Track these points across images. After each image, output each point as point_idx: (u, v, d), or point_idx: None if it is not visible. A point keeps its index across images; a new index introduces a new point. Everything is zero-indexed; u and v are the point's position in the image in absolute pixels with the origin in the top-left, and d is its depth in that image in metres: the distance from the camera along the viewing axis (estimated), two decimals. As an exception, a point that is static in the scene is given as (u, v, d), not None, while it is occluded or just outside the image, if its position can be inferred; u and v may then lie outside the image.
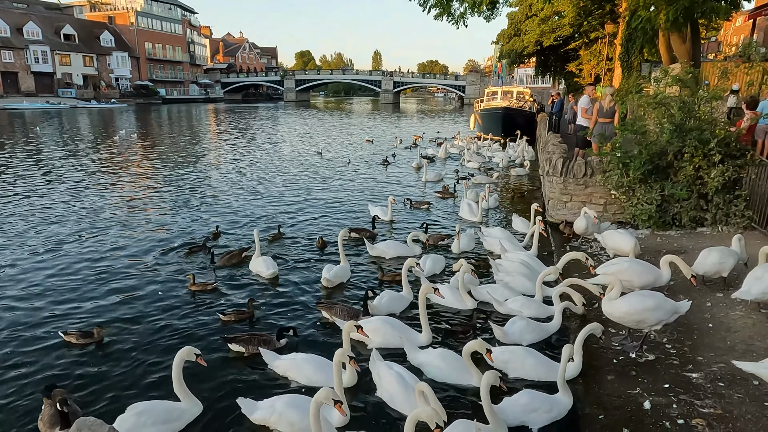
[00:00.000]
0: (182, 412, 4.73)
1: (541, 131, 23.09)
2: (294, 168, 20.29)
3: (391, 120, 53.75)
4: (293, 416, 4.58)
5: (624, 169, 9.93)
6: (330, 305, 6.89)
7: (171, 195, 14.95)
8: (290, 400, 4.74)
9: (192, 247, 9.76)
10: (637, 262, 6.82)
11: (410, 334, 6.22)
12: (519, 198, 15.07)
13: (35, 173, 18.05)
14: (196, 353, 4.82)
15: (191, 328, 6.72)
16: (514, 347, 5.75)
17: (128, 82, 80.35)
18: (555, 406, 4.79)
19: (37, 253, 9.52)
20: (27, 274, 8.49)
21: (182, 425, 4.69)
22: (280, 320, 7.01)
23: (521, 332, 6.25)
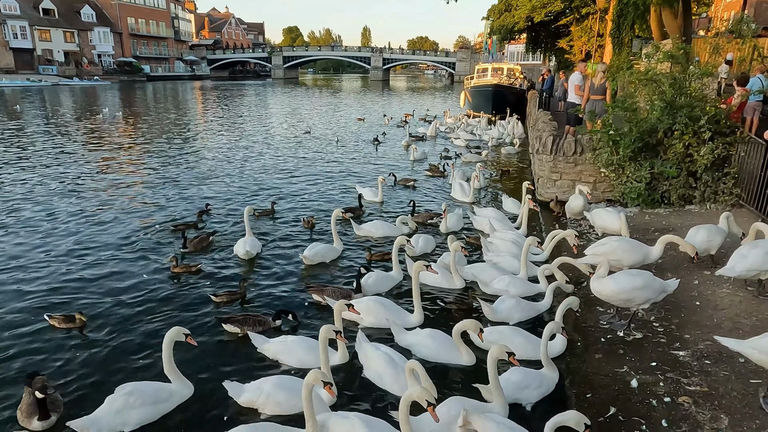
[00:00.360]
0: (172, 393, 4.67)
1: (531, 109, 22.94)
2: (283, 146, 20.03)
3: (381, 97, 53.15)
4: (281, 397, 4.56)
5: (614, 146, 9.89)
6: (321, 288, 6.81)
7: (157, 174, 14.69)
8: (277, 381, 4.71)
9: (178, 225, 9.69)
10: (626, 241, 6.81)
11: (402, 314, 6.21)
12: (509, 177, 14.99)
13: (16, 152, 17.61)
14: (186, 333, 4.74)
15: (178, 310, 6.62)
16: (502, 327, 5.73)
17: (111, 58, 78.37)
18: (544, 382, 4.84)
19: (18, 234, 9.32)
20: (4, 254, 8.31)
21: (172, 406, 4.63)
22: (273, 301, 6.93)
23: (510, 310, 6.25)
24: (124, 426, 4.35)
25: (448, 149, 18.86)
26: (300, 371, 5.13)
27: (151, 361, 5.42)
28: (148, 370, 5.28)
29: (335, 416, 4.24)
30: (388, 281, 7.22)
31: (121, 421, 4.33)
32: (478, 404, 4.41)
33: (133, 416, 4.37)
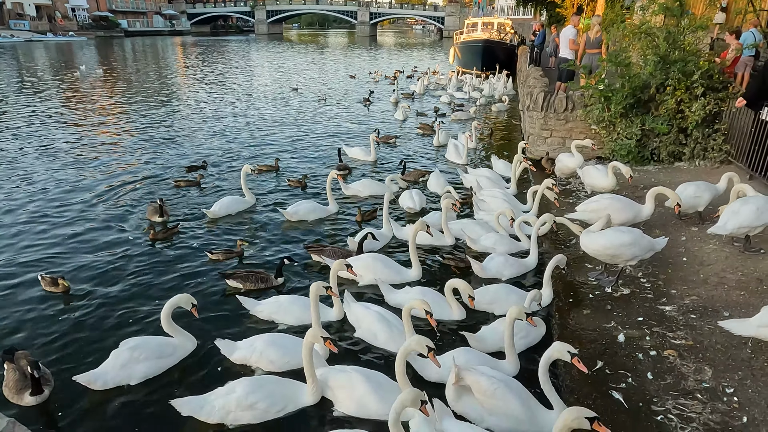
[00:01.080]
0: (176, 347, 4.71)
1: (521, 65, 22.52)
2: (269, 105, 19.57)
3: (369, 53, 51.83)
4: (273, 354, 4.58)
5: (606, 103, 9.76)
6: (320, 248, 6.76)
7: (139, 134, 14.29)
8: (270, 339, 4.73)
9: (179, 180, 9.94)
10: (617, 199, 6.79)
11: (400, 269, 6.27)
12: (499, 136, 14.83)
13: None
14: (193, 303, 4.71)
15: (175, 270, 6.56)
16: (497, 288, 5.72)
17: (86, 13, 75.00)
18: (530, 332, 4.99)
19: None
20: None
21: (176, 360, 4.67)
22: (274, 259, 6.88)
23: (500, 267, 6.28)
24: (129, 379, 4.41)
25: (438, 108, 18.55)
26: (293, 329, 5.18)
27: (149, 321, 5.41)
28: (144, 330, 5.24)
29: (333, 370, 4.30)
30: (380, 239, 7.21)
31: (126, 374, 4.39)
32: (488, 359, 4.48)
33: (137, 370, 4.43)
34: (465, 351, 4.51)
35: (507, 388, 3.86)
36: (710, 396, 3.92)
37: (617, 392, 4.06)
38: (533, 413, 3.83)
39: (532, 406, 3.86)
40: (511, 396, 3.82)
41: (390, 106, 19.30)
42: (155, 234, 7.41)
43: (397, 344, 4.64)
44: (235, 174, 10.40)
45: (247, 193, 8.73)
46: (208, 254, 6.78)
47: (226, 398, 4.02)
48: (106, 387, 4.32)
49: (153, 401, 4.30)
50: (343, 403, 4.15)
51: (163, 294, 5.86)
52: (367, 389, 4.05)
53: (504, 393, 3.83)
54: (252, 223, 8.19)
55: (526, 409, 3.82)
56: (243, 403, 3.98)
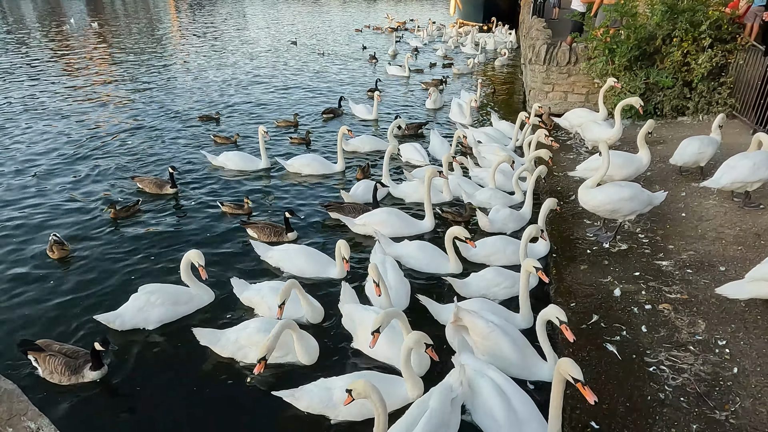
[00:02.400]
0: (192, 296, 4.84)
1: (524, 16, 21.80)
2: (269, 60, 19.10)
3: (367, 4, 50.10)
4: (272, 301, 4.63)
5: (610, 55, 9.50)
6: (338, 205, 6.75)
7: (139, 87, 14.07)
8: (275, 286, 4.81)
9: (202, 116, 10.97)
10: (616, 155, 6.69)
11: (413, 221, 6.41)
12: (500, 91, 14.50)
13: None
14: (200, 263, 4.70)
15: (193, 225, 6.63)
16: (494, 240, 5.76)
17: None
18: (516, 282, 4.88)
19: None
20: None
21: (191, 309, 4.81)
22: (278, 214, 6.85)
23: (505, 221, 6.33)
24: (146, 323, 4.56)
25: (434, 63, 18.08)
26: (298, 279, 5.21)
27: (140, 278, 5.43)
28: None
29: (356, 306, 4.47)
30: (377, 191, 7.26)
31: (143, 317, 4.55)
32: (502, 310, 4.54)
33: (153, 314, 4.58)
34: (480, 301, 4.60)
35: (502, 332, 3.93)
36: (702, 348, 3.99)
37: (611, 344, 4.12)
38: (526, 360, 3.92)
39: (527, 354, 3.94)
40: (504, 339, 3.90)
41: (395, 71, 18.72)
42: (116, 212, 6.66)
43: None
44: (238, 128, 10.63)
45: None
46: (220, 205, 6.91)
47: (239, 333, 4.22)
48: (124, 328, 4.52)
49: (167, 343, 4.47)
50: (361, 341, 4.30)
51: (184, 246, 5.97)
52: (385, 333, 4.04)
53: (498, 336, 3.90)
54: (260, 181, 8.16)
55: (519, 354, 3.89)
56: (253, 339, 4.12)
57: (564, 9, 21.67)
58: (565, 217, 6.48)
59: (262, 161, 8.29)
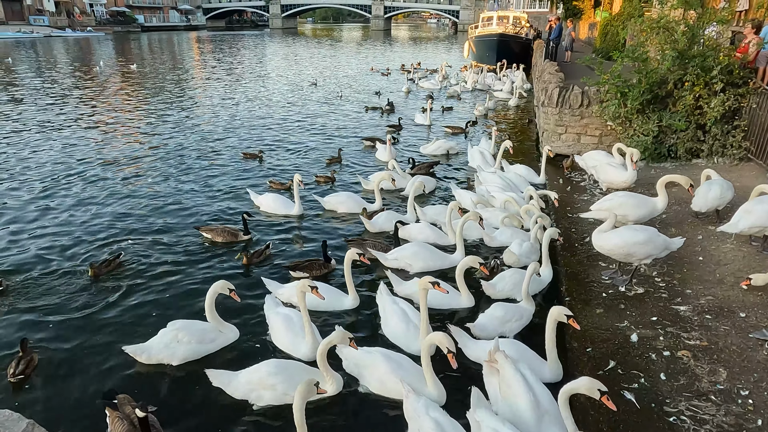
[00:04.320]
0: (218, 335, 4.93)
1: (537, 59, 22.27)
2: (291, 100, 19.70)
3: (384, 48, 51.65)
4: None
5: (622, 99, 9.63)
6: (361, 241, 6.95)
7: (166, 127, 14.58)
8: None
9: (247, 153, 11.57)
10: (631, 196, 6.72)
11: (444, 255, 6.57)
12: (514, 132, 14.65)
13: (9, 110, 17.29)
14: (230, 288, 4.89)
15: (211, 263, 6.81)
16: (513, 274, 5.94)
17: (104, 8, 75.87)
18: (524, 314, 5.28)
19: (41, 191, 9.28)
20: (32, 212, 8.32)
21: (216, 348, 4.90)
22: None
23: (529, 254, 6.52)
24: (171, 359, 4.67)
25: (440, 106, 18.41)
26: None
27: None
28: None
29: (360, 351, 4.45)
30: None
31: (168, 353, 4.67)
32: (533, 355, 4.51)
33: (179, 351, 4.69)
34: (514, 344, 4.60)
35: (525, 388, 3.77)
36: (724, 398, 3.88)
37: (629, 392, 4.03)
38: (539, 420, 3.69)
39: (542, 414, 3.72)
40: (524, 394, 3.74)
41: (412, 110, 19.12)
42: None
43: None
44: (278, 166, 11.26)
45: (297, 203, 8.28)
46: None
47: (250, 376, 4.27)
48: (150, 361, 4.65)
49: (187, 379, 4.59)
50: (369, 380, 4.39)
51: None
52: (388, 369, 4.24)
53: (520, 388, 3.77)
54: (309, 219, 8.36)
55: (532, 411, 3.69)
56: (265, 383, 4.18)
57: (577, 52, 22.17)
58: (579, 259, 6.44)
59: (296, 208, 8.27)
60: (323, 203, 8.52)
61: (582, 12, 37.95)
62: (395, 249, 6.62)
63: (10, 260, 6.75)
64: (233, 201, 9.05)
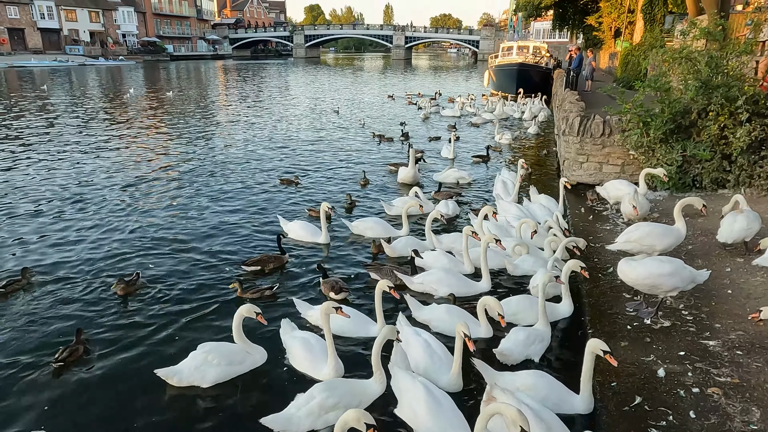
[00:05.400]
0: (246, 357, 4.99)
1: (557, 88, 22.35)
2: (313, 125, 20.13)
3: (404, 76, 52.50)
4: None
5: (644, 128, 9.56)
6: (378, 267, 7.00)
7: (194, 154, 14.93)
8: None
9: (283, 179, 11.78)
10: (656, 225, 6.60)
11: (470, 282, 6.60)
12: (535, 161, 14.59)
13: (43, 136, 17.95)
14: (256, 311, 4.95)
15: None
16: (519, 299, 5.97)
17: (135, 38, 79.02)
18: (544, 336, 5.35)
19: (64, 214, 9.55)
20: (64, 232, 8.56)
21: (245, 369, 4.95)
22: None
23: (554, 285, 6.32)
24: (202, 381, 4.74)
25: (454, 134, 18.51)
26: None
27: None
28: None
29: (403, 373, 4.39)
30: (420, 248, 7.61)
31: (199, 376, 4.74)
32: (563, 390, 4.43)
33: (210, 373, 4.76)
34: (538, 375, 4.52)
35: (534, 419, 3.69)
36: (758, 439, 3.71)
37: (657, 430, 3.89)
38: None
39: None
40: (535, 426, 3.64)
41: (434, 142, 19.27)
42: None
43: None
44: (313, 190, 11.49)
45: (324, 231, 8.24)
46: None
47: (309, 407, 4.25)
48: (181, 384, 4.71)
49: (217, 401, 4.67)
50: (403, 408, 4.28)
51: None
52: (426, 405, 4.06)
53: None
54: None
55: None
56: (326, 405, 4.23)
57: (597, 82, 22.22)
58: (602, 290, 6.31)
59: (322, 236, 8.23)
60: (351, 228, 8.61)
61: (602, 42, 38.19)
62: (422, 273, 6.67)
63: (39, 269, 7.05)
64: (261, 225, 9.18)
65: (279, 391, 4.82)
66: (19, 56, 61.47)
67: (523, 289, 6.76)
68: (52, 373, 4.96)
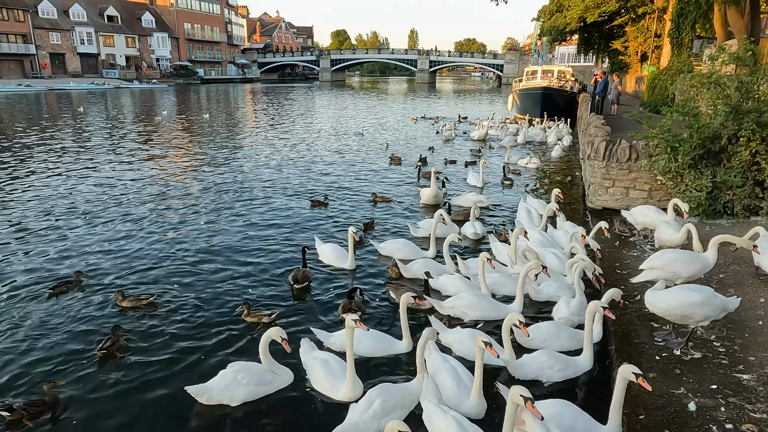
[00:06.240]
0: (274, 377, 5.06)
1: (582, 112, 22.21)
2: (337, 147, 20.42)
3: (429, 100, 52.98)
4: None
5: (672, 153, 9.41)
6: (398, 286, 7.03)
7: (224, 174, 15.28)
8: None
9: (314, 201, 11.83)
10: (682, 253, 6.44)
11: (502, 306, 6.53)
12: (560, 188, 14.29)
13: (78, 155, 18.65)
14: (283, 337, 4.98)
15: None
16: (547, 325, 5.87)
17: (168, 62, 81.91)
18: (569, 365, 5.23)
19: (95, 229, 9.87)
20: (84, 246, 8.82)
21: (272, 390, 5.01)
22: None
23: (580, 311, 6.20)
24: (231, 400, 4.80)
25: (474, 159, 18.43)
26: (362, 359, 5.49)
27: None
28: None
29: (437, 408, 4.33)
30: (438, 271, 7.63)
31: (228, 394, 4.79)
32: (585, 419, 4.32)
33: (238, 392, 4.82)
34: (563, 404, 4.40)
35: None
36: (798, 481, 3.53)
37: (688, 467, 3.74)
38: None
39: None
40: None
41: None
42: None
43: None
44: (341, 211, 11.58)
45: (350, 257, 8.08)
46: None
47: (372, 409, 4.37)
48: (210, 402, 4.77)
49: (245, 421, 4.74)
50: None
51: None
52: None
53: None
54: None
55: None
56: (386, 407, 4.38)
57: (623, 105, 22.01)
58: (629, 318, 6.16)
59: (348, 262, 8.11)
60: (379, 249, 8.66)
61: (628, 66, 37.93)
62: (452, 297, 6.66)
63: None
64: (290, 244, 9.30)
65: (305, 411, 4.85)
66: (59, 79, 64.32)
67: (543, 315, 6.63)
68: (92, 365, 5.37)
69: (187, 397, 4.79)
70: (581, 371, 5.30)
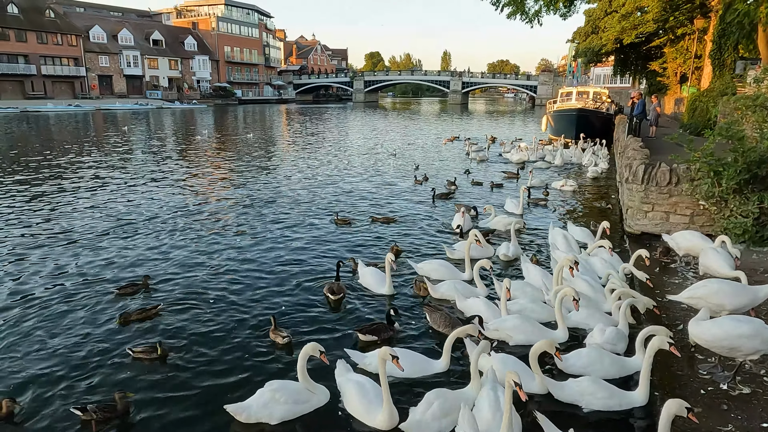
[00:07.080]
0: (310, 396, 5.08)
1: (619, 134, 21.81)
2: (371, 168, 20.64)
3: (461, 121, 53.07)
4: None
5: (716, 177, 9.11)
6: (435, 308, 7.00)
7: (256, 193, 15.60)
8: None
9: (338, 218, 12.05)
10: (728, 283, 6.15)
11: (546, 331, 6.46)
12: (596, 212, 14.07)
13: (122, 176, 19.43)
14: (321, 350, 5.05)
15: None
16: (588, 351, 5.69)
17: (208, 83, 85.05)
18: (614, 395, 5.04)
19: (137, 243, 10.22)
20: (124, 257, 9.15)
21: (309, 409, 5.02)
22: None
23: (614, 340, 6.11)
24: (270, 419, 4.84)
25: (493, 182, 18.26)
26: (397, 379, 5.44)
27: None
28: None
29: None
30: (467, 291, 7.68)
31: (267, 413, 4.83)
32: None
33: (276, 411, 4.85)
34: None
35: None
36: None
37: None
38: None
39: None
40: None
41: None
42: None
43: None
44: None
45: (388, 282, 8.01)
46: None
47: (432, 410, 4.59)
48: (249, 420, 4.82)
49: None
50: None
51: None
52: None
53: None
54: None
55: None
56: (444, 408, 4.60)
57: (662, 127, 21.52)
58: (672, 349, 5.92)
59: (386, 287, 8.04)
60: (417, 269, 8.65)
61: (667, 87, 37.17)
62: (498, 319, 6.58)
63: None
64: (323, 263, 9.36)
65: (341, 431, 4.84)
66: (105, 100, 67.63)
67: (570, 343, 6.38)
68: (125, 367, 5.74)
69: (224, 416, 4.82)
70: (632, 405, 5.05)
